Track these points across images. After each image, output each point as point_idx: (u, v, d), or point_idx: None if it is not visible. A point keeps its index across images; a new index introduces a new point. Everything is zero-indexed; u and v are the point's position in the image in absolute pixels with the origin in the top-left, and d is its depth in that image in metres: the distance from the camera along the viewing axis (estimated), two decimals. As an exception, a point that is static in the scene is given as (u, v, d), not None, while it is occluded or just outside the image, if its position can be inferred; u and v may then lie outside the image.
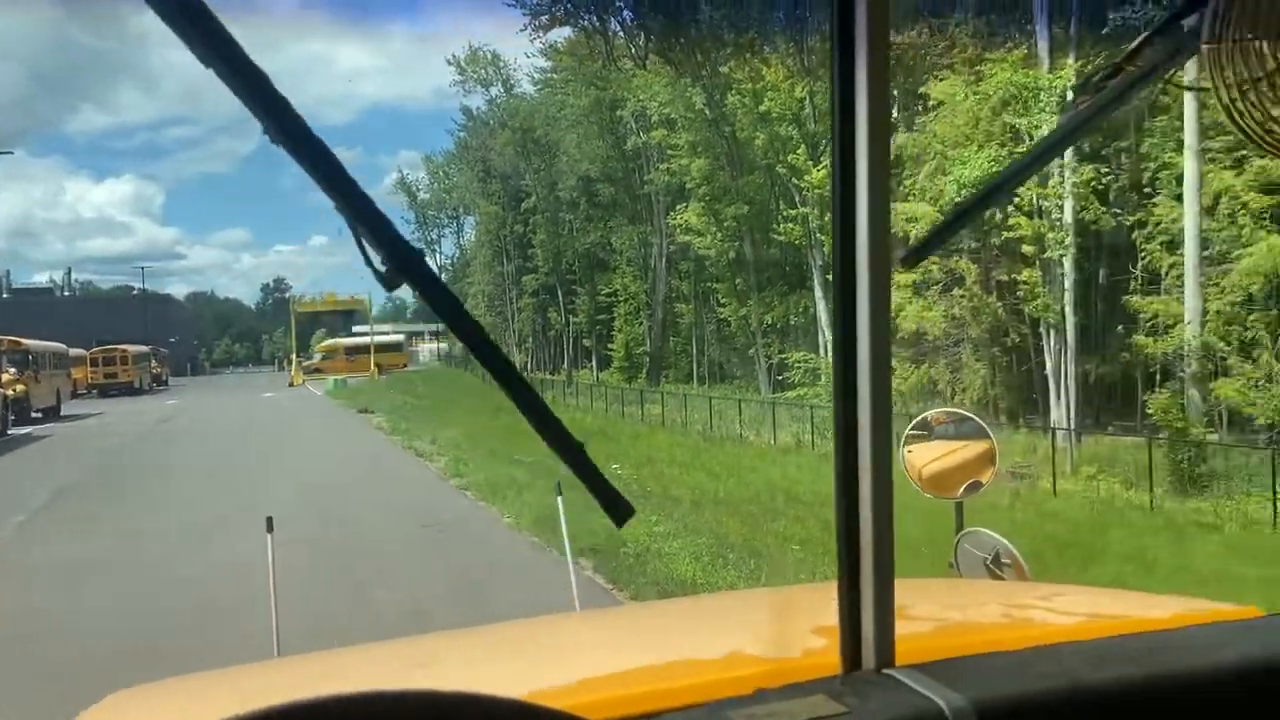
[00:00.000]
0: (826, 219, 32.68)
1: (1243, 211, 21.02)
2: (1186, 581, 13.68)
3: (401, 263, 1.07)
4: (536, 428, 1.21)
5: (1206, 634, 1.46)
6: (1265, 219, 20.84)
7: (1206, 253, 21.77)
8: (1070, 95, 23.33)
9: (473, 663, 1.82)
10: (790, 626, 1.82)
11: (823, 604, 1.59)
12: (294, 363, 62.24)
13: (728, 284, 40.19)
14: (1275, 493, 17.17)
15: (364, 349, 62.89)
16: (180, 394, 53.71)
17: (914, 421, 4.55)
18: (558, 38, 43.13)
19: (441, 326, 69.22)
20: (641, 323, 46.22)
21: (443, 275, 66.30)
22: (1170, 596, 2.07)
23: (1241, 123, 1.35)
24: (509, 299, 54.71)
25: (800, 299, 36.99)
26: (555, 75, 49.83)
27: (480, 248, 58.41)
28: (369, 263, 1.08)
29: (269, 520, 4.14)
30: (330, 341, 67.38)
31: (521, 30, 37.35)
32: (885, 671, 1.26)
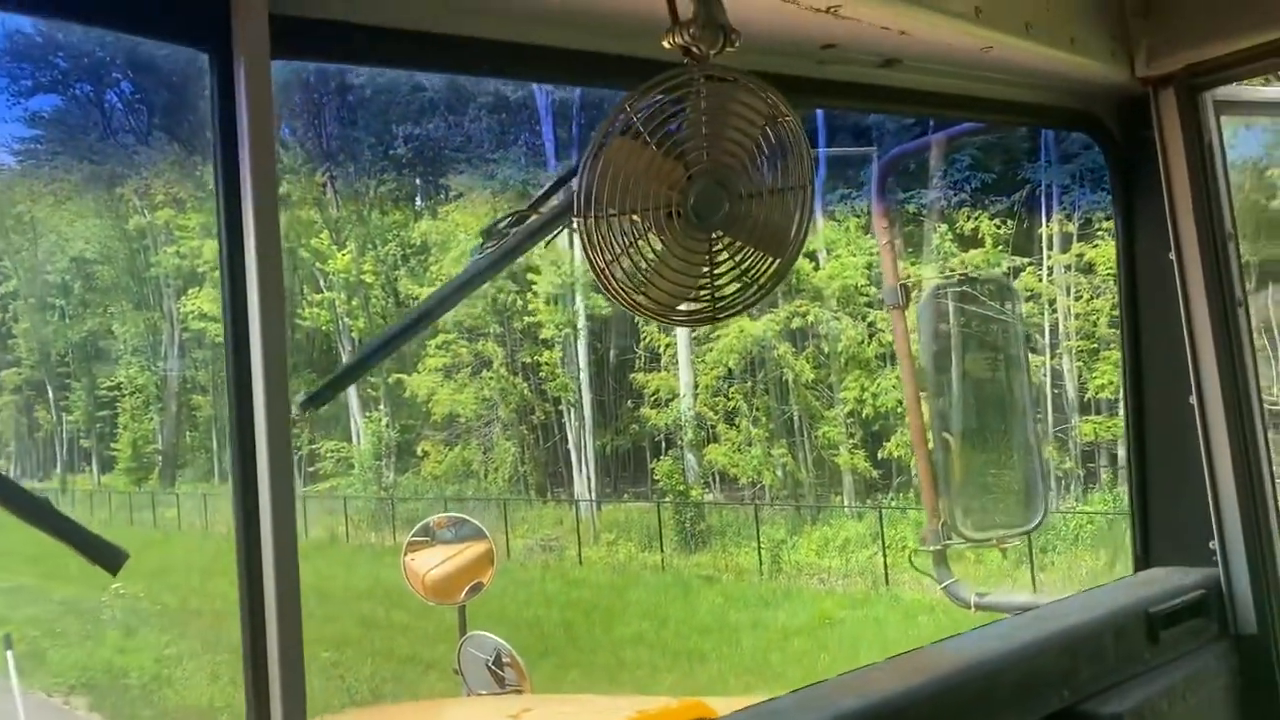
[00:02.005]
0: (354, 303, 32.31)
1: (720, 297, 24.17)
2: (692, 631, 15.11)
3: None
4: None
5: None
6: (738, 307, 24.18)
7: (694, 334, 24.70)
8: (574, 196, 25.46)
9: None
10: None
11: None
12: None
13: (251, 372, 37.99)
14: (759, 544, 19.58)
15: None
16: None
17: (415, 528, 4.56)
18: (43, 106, 38.60)
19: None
20: (152, 418, 42.05)
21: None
22: (629, 697, 2.21)
23: (612, 288, 1.51)
24: (-17, 397, 47.08)
25: (330, 386, 35.93)
26: (40, 146, 44.36)
27: (-58, 340, 49.75)
28: None
29: None
30: None
31: (-2, 93, 33.06)
32: None
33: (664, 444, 25.83)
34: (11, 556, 24.88)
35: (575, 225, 1.49)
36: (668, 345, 25.36)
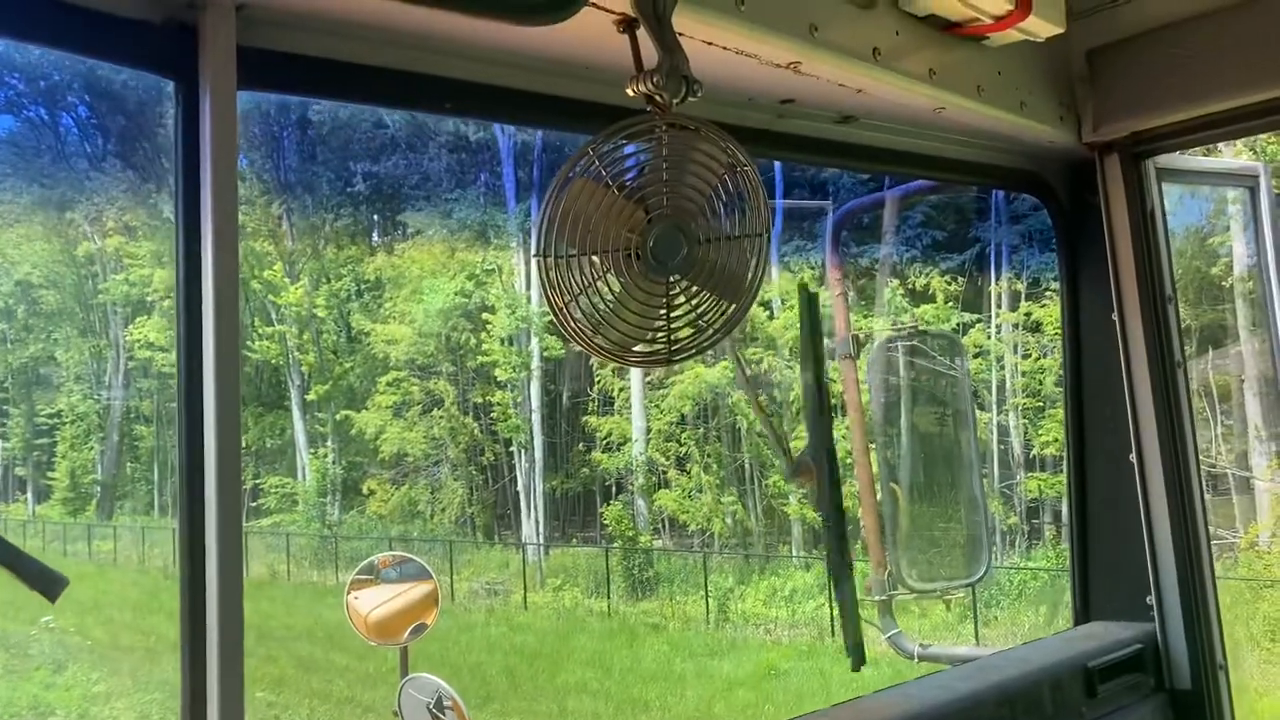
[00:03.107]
0: (305, 337, 31.97)
1: (675, 343, 24.35)
2: (637, 680, 14.97)
3: None
4: None
5: None
6: (692, 350, 24.29)
7: (648, 378, 24.75)
8: (534, 232, 25.64)
9: None
10: None
11: None
12: None
13: (197, 403, 37.33)
14: (707, 592, 19.50)
15: None
16: None
17: (360, 566, 4.49)
18: (-6, 127, 38.08)
19: None
20: (92, 447, 41.05)
21: None
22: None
23: (569, 328, 1.53)
24: (-85, 421, 45.73)
25: (277, 420, 35.38)
26: (-12, 166, 43.60)
27: (-122, 358, 48.32)
28: None
29: None
30: None
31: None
32: None
33: (614, 488, 25.74)
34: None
35: (534, 264, 1.50)
36: (621, 389, 25.39)
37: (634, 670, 15.44)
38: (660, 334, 1.58)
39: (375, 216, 33.52)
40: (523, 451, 26.92)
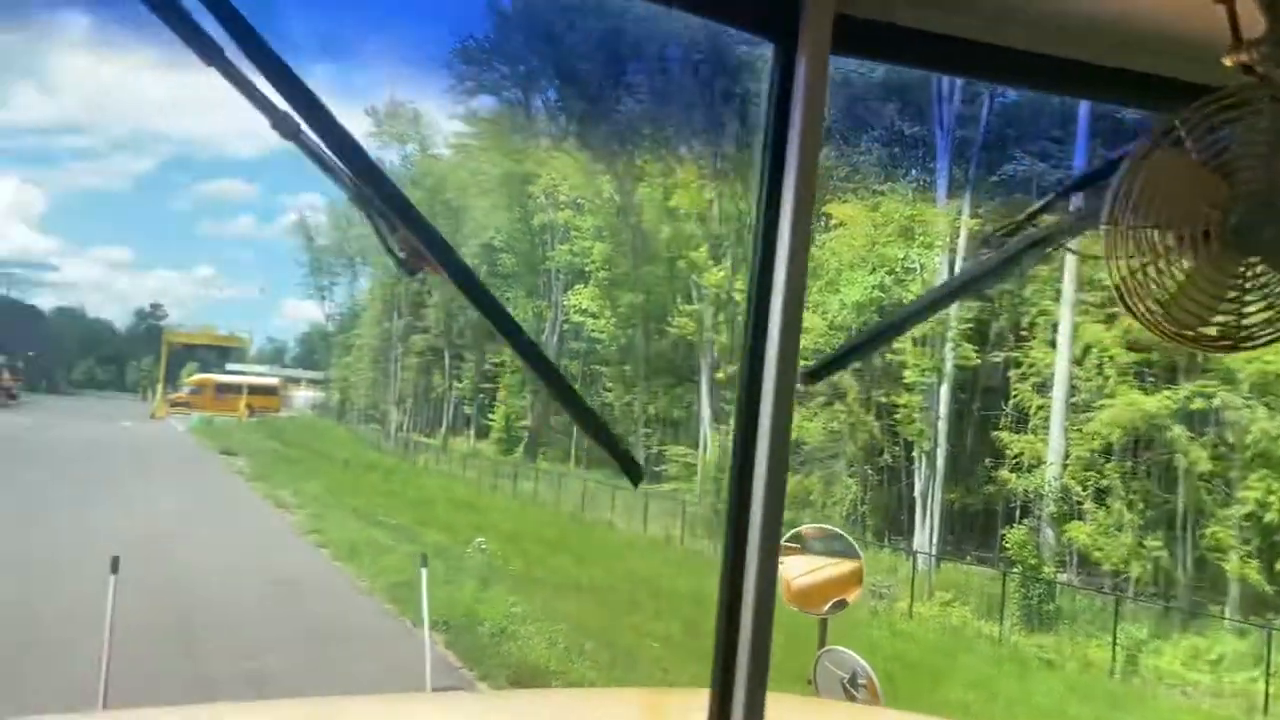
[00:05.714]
0: (721, 318, 33.35)
1: (1109, 364, 22.31)
2: (1024, 713, 14.08)
3: (425, 246, 1.15)
4: (556, 397, 1.33)
5: None
6: (1128, 374, 22.21)
7: (1073, 399, 22.95)
8: (962, 232, 24.67)
9: None
10: None
11: (682, 711, 1.58)
12: (159, 393, 59.55)
13: (616, 369, 40.40)
14: (1115, 638, 17.82)
15: (236, 388, 60.37)
16: (31, 412, 50.72)
17: (789, 533, 4.62)
18: (480, 106, 43.60)
19: (322, 374, 66.87)
20: (525, 396, 45.88)
21: (329, 324, 64.20)
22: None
23: (1128, 301, 1.46)
24: (394, 356, 53.79)
25: (686, 393, 37.36)
26: (472, 142, 49.97)
27: (372, 300, 57.40)
28: (388, 249, 1.16)
29: (114, 560, 3.92)
30: (201, 375, 64.38)
31: (446, 91, 37.84)
32: None
33: (1019, 511, 24.23)
34: (395, 499, 28.14)
35: (1102, 230, 1.46)
36: (1040, 407, 23.81)
37: (1022, 703, 14.54)
38: (1230, 318, 1.47)
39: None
40: (924, 458, 26.16)
